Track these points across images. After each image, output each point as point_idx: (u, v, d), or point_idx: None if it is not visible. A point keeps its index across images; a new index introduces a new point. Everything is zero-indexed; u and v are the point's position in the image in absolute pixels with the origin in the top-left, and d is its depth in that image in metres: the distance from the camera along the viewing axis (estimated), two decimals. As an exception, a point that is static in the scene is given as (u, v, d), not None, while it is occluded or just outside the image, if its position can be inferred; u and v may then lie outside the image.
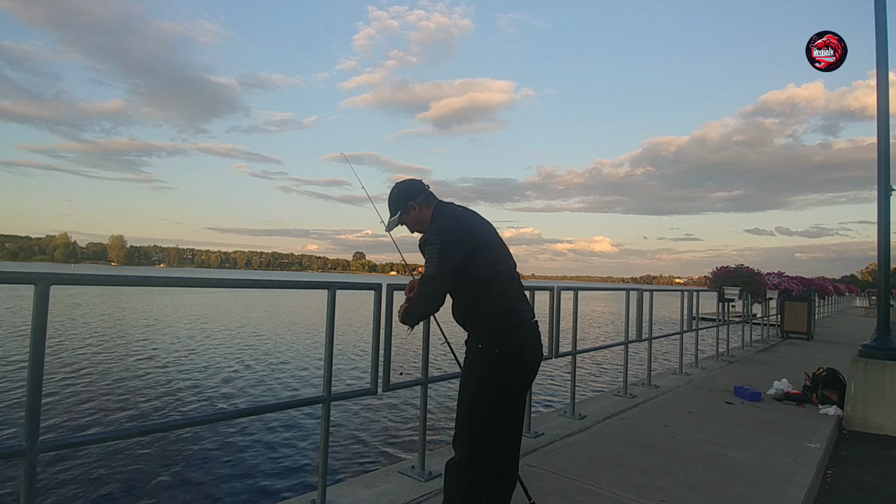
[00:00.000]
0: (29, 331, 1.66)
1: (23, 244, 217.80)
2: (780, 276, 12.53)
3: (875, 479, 3.49)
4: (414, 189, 2.20)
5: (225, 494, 4.54)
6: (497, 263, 2.08)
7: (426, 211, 2.17)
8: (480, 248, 2.05)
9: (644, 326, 5.74)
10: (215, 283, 2.28)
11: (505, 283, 2.08)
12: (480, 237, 2.09)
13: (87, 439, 2.13)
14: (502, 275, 2.08)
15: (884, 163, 4.82)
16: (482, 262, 2.03)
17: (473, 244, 2.04)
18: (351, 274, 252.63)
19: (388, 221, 2.24)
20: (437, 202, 2.20)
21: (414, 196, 2.18)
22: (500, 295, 2.04)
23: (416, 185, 2.22)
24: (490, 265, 2.05)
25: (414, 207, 2.17)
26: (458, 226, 2.06)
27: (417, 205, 2.17)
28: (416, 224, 2.20)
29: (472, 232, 2.07)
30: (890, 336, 4.77)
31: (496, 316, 2.00)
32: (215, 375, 9.45)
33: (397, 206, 2.20)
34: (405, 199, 2.18)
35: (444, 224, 2.06)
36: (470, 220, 2.14)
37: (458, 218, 2.12)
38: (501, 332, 1.98)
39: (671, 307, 27.53)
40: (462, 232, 2.04)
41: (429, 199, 2.19)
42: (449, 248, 1.98)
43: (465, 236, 2.04)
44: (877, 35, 4.76)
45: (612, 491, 2.86)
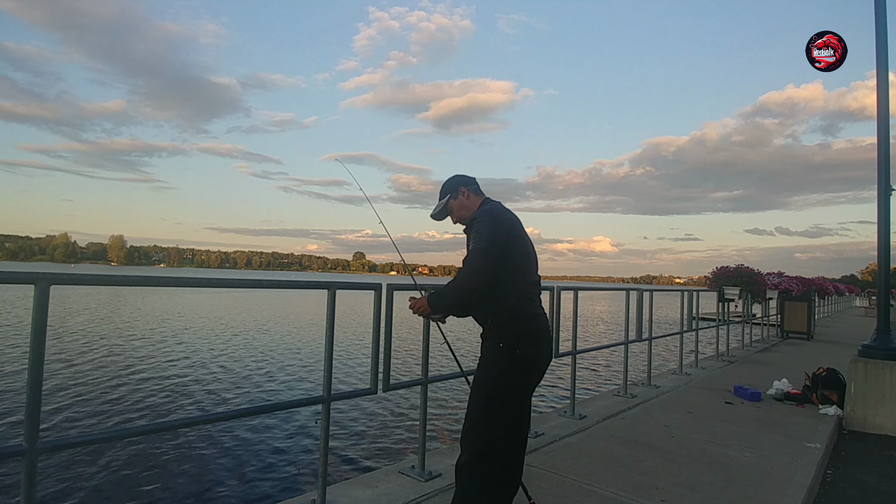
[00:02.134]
0: (29, 331, 1.66)
1: (23, 244, 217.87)
2: (780, 276, 12.51)
3: (875, 479, 3.49)
4: (467, 178, 2.33)
5: (225, 494, 4.54)
6: (529, 264, 2.14)
7: (475, 199, 2.28)
8: (519, 244, 2.11)
9: (644, 326, 5.74)
10: (215, 283, 2.28)
11: (532, 286, 2.13)
12: (521, 235, 2.15)
13: (87, 439, 2.12)
14: (530, 277, 2.13)
15: (884, 163, 4.82)
16: (516, 259, 2.08)
17: (515, 236, 2.11)
18: (351, 274, 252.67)
19: (436, 206, 2.31)
20: (485, 196, 2.32)
21: (467, 184, 2.30)
22: (526, 297, 2.07)
23: (470, 178, 2.34)
24: (523, 264, 2.11)
25: (464, 193, 2.27)
26: (506, 215, 2.15)
27: (469, 192, 2.28)
28: (461, 210, 2.27)
29: (514, 226, 2.13)
30: (890, 336, 4.77)
31: (520, 317, 2.02)
32: (215, 375, 9.45)
33: (449, 190, 2.30)
34: (458, 184, 2.30)
35: (494, 209, 2.15)
36: (514, 218, 2.21)
37: (505, 211, 2.20)
38: (523, 333, 2.00)
39: (671, 307, 27.55)
40: (509, 222, 2.12)
41: (479, 192, 2.31)
42: (498, 226, 2.04)
43: (510, 226, 2.10)
44: (877, 35, 4.76)
45: (612, 491, 2.86)
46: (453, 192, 2.28)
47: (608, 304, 40.79)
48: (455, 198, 2.28)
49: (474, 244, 2.01)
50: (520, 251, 2.10)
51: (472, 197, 2.27)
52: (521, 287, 2.07)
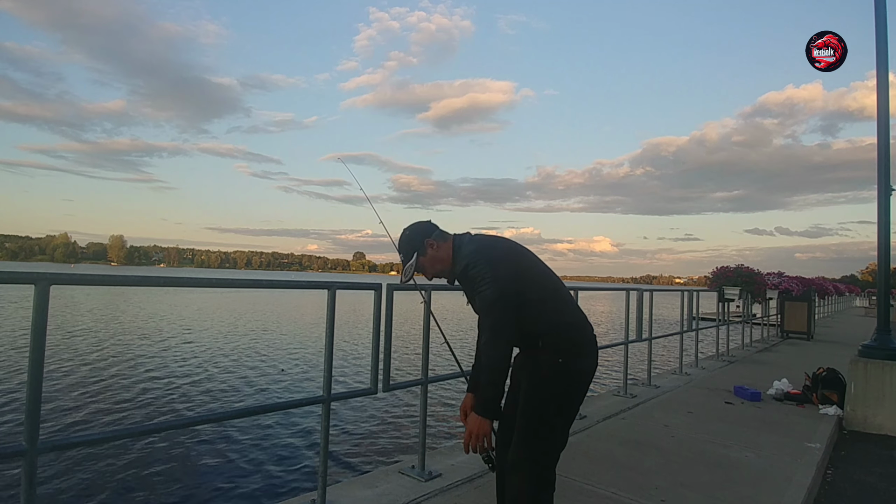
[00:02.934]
0: (29, 331, 1.66)
1: (23, 244, 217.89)
2: (780, 276, 12.52)
3: (875, 479, 3.49)
4: (426, 227, 2.01)
5: (225, 494, 4.54)
6: (547, 273, 1.96)
7: (445, 246, 1.97)
8: (524, 260, 1.91)
9: (644, 326, 5.74)
10: (215, 283, 2.28)
11: (563, 292, 1.95)
12: (517, 248, 1.95)
13: (87, 439, 2.13)
14: (556, 284, 1.95)
15: (884, 163, 4.82)
16: (542, 270, 1.92)
17: (523, 253, 1.92)
18: (351, 274, 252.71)
19: (404, 270, 2.00)
20: (453, 235, 2.02)
21: (429, 233, 1.98)
22: (573, 305, 1.94)
23: (428, 224, 2.02)
24: (551, 274, 1.95)
25: (431, 245, 1.96)
26: (494, 240, 1.92)
27: (435, 241, 1.96)
28: (435, 263, 1.98)
29: (507, 245, 1.93)
30: (890, 336, 4.77)
31: (574, 327, 1.87)
32: (215, 375, 9.45)
33: (412, 246, 1.98)
34: (420, 236, 1.97)
35: (479, 244, 1.89)
36: (497, 237, 2.00)
37: (489, 236, 1.98)
38: (580, 345, 1.86)
39: (671, 307, 27.54)
40: (502, 247, 1.90)
41: (444, 235, 1.99)
42: (498, 259, 1.82)
43: (505, 250, 1.90)
44: (877, 35, 4.76)
45: (612, 491, 2.86)
46: (419, 248, 1.96)
47: (608, 304, 40.79)
48: (423, 253, 1.95)
49: (481, 295, 1.77)
50: (529, 266, 1.90)
51: (441, 244, 1.96)
52: (566, 296, 1.91)
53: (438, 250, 1.96)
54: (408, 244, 1.99)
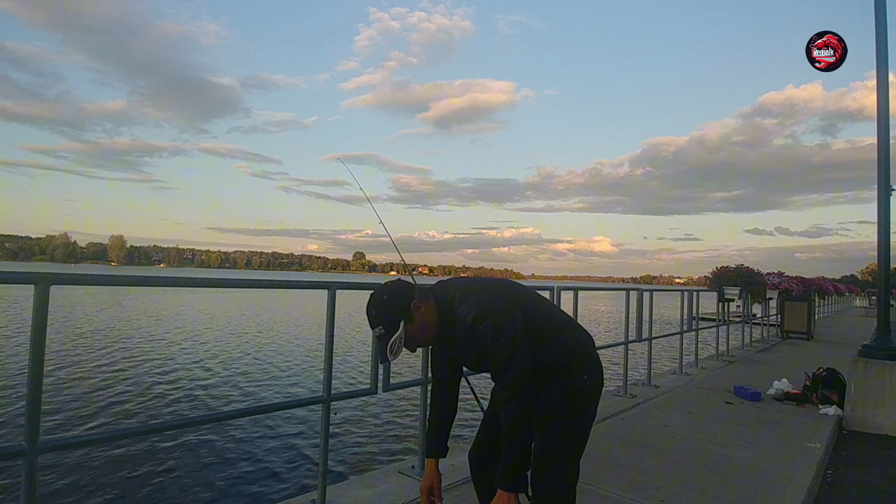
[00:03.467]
0: (29, 331, 1.66)
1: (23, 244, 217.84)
2: (780, 276, 12.53)
3: (875, 479, 3.49)
4: (407, 287, 1.70)
5: (225, 494, 4.54)
6: (547, 300, 1.91)
7: (430, 307, 1.68)
8: (526, 290, 1.82)
9: (644, 326, 5.74)
10: (215, 283, 2.28)
11: (567, 316, 1.91)
12: (515, 283, 1.85)
13: (87, 439, 2.13)
14: (560, 310, 1.93)
15: (884, 163, 4.82)
16: (541, 301, 1.82)
17: (519, 289, 1.80)
18: (351, 274, 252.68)
19: (389, 345, 1.64)
20: (431, 289, 1.76)
21: (414, 294, 1.67)
22: (575, 324, 1.88)
23: (406, 284, 1.73)
24: (547, 301, 1.88)
25: (418, 308, 1.65)
26: (489, 285, 1.75)
27: (421, 303, 1.66)
28: (424, 330, 1.69)
29: (504, 283, 1.82)
30: (890, 336, 4.77)
31: (585, 343, 1.81)
32: (215, 375, 9.45)
33: (396, 314, 1.63)
34: (404, 300, 1.65)
35: (477, 294, 1.67)
36: (490, 280, 1.85)
37: (477, 280, 1.80)
38: (596, 359, 1.82)
39: (671, 307, 27.52)
40: (501, 287, 1.76)
41: (424, 293, 1.70)
42: (505, 307, 1.64)
43: (506, 288, 1.75)
44: (877, 35, 4.76)
45: (612, 491, 2.86)
46: (406, 315, 1.64)
47: (608, 304, 40.78)
48: (411, 321, 1.64)
49: (496, 351, 1.58)
50: (529, 301, 1.77)
51: (427, 305, 1.67)
52: (564, 326, 1.81)
53: (426, 314, 1.67)
54: (390, 312, 1.64)
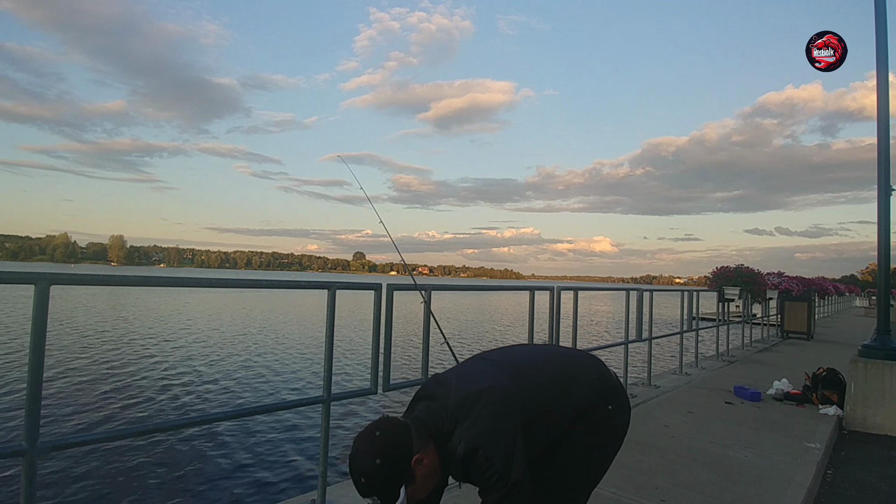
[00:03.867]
0: (29, 331, 1.66)
1: (23, 244, 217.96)
2: (780, 276, 12.52)
3: (875, 479, 3.49)
4: (402, 433, 1.36)
5: (225, 494, 4.54)
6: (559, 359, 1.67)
7: (431, 450, 1.39)
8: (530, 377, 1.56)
9: (644, 326, 5.74)
10: (215, 283, 2.28)
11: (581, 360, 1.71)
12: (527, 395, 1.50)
13: (87, 439, 2.13)
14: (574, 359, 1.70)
15: (884, 163, 4.82)
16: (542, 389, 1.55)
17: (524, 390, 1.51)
18: (351, 274, 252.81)
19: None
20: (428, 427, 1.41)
21: (412, 443, 1.35)
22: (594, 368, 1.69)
23: (403, 427, 1.38)
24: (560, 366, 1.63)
25: (420, 461, 1.36)
26: (483, 395, 1.44)
27: (424, 454, 1.37)
28: (427, 483, 1.41)
29: (507, 387, 1.48)
30: (890, 336, 4.77)
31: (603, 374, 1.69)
32: (215, 375, 9.45)
33: (394, 480, 1.32)
34: (404, 459, 1.33)
35: (467, 417, 1.40)
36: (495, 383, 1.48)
37: (473, 382, 1.48)
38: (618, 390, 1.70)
39: (671, 307, 27.53)
40: (501, 392, 1.45)
41: (423, 433, 1.39)
42: (502, 441, 1.37)
43: (512, 411, 1.43)
44: (877, 35, 4.76)
45: (612, 491, 2.85)
46: (406, 475, 1.33)
47: (608, 304, 40.79)
48: (412, 481, 1.35)
49: (485, 484, 1.38)
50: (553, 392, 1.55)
51: (428, 451, 1.38)
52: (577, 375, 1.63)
53: (428, 465, 1.38)
54: (386, 479, 1.31)
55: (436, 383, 1.56)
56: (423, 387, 1.60)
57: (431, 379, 1.63)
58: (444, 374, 1.60)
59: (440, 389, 1.51)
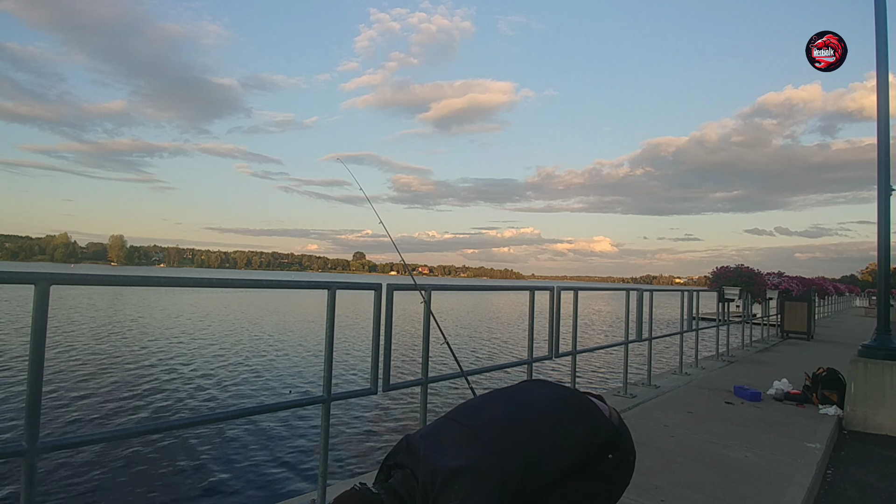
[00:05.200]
0: (29, 331, 1.66)
1: (23, 244, 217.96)
2: (780, 276, 12.54)
3: (875, 479, 3.49)
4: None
5: (225, 494, 4.54)
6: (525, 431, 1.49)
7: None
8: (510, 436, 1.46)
9: (644, 326, 5.74)
10: (215, 283, 2.28)
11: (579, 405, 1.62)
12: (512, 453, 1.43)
13: (87, 439, 2.13)
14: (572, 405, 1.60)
15: (884, 163, 4.82)
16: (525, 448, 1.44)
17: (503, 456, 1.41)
18: (351, 274, 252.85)
19: None
20: (407, 498, 1.41)
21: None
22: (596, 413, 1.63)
23: (375, 500, 1.41)
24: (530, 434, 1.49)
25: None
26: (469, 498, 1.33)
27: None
28: None
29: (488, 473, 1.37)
30: (890, 336, 4.77)
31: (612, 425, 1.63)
32: (215, 375, 9.45)
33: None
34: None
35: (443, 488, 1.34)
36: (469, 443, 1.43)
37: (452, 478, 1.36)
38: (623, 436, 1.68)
39: (671, 307, 27.53)
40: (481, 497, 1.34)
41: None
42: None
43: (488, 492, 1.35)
44: (877, 35, 4.76)
45: (612, 491, 2.85)
46: None
47: (608, 304, 40.79)
48: None
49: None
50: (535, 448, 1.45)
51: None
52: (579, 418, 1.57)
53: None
54: None
55: (406, 449, 1.49)
56: (394, 449, 1.53)
57: (402, 441, 1.54)
58: (414, 439, 1.52)
59: (410, 459, 1.45)
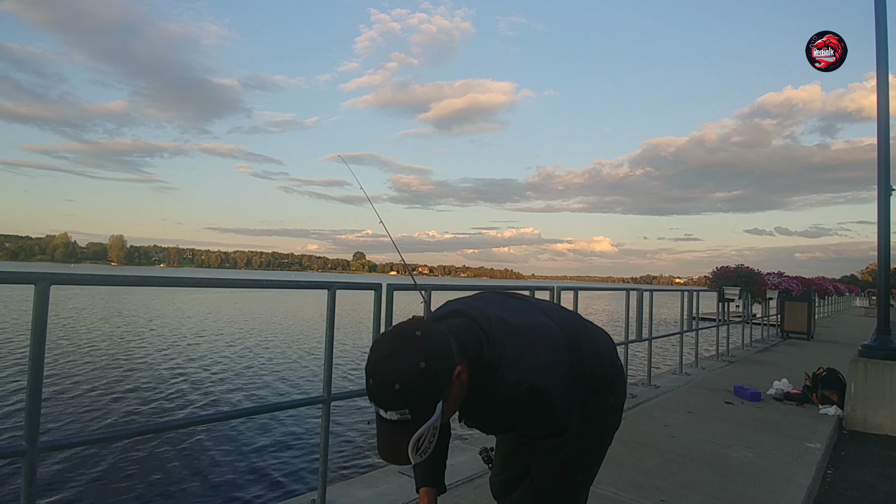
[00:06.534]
0: (29, 331, 1.66)
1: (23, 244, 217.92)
2: (780, 276, 12.53)
3: (875, 479, 3.49)
4: (446, 340, 1.13)
5: (225, 494, 4.54)
6: (576, 324, 1.43)
7: (467, 370, 1.17)
8: (566, 321, 1.39)
9: (644, 326, 5.74)
10: (215, 283, 2.28)
11: (587, 324, 1.51)
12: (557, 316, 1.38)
13: (87, 439, 2.13)
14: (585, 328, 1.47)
15: (884, 163, 4.82)
16: (579, 338, 1.37)
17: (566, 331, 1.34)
18: (351, 274, 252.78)
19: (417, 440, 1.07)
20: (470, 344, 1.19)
21: (454, 355, 1.13)
22: (601, 341, 1.49)
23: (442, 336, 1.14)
24: (581, 331, 1.41)
25: (460, 374, 1.14)
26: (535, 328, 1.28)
27: (462, 366, 1.15)
28: (457, 403, 1.19)
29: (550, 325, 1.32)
30: (890, 336, 4.77)
31: (608, 360, 1.48)
32: (215, 375, 9.45)
33: (435, 391, 1.08)
34: (451, 363, 1.11)
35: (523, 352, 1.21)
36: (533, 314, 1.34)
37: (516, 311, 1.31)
38: (621, 381, 1.54)
39: (671, 307, 27.52)
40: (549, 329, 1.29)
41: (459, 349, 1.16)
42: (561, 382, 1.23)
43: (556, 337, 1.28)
44: (877, 35, 4.76)
45: (612, 491, 2.85)
46: (448, 387, 1.10)
47: (608, 304, 40.77)
48: (448, 396, 1.11)
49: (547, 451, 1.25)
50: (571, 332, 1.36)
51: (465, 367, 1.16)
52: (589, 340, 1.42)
53: (463, 381, 1.16)
54: (426, 388, 1.06)
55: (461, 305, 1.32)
56: (441, 308, 1.36)
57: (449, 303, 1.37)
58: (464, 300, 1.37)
59: (471, 311, 1.27)
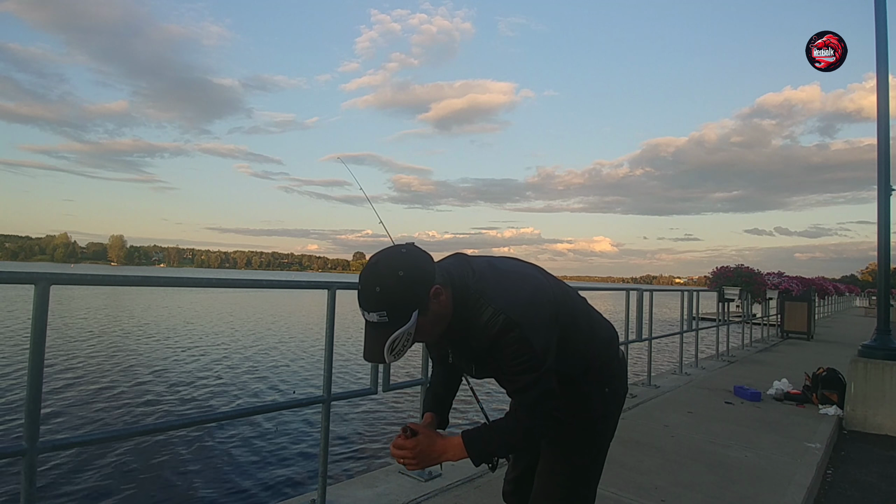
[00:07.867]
0: (29, 331, 1.66)
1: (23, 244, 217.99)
2: (780, 276, 12.53)
3: (875, 479, 3.49)
4: (427, 260, 1.24)
5: (225, 494, 4.54)
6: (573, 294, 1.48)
7: (447, 294, 1.25)
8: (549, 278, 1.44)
9: (644, 326, 5.75)
10: (215, 283, 2.28)
11: (588, 305, 1.53)
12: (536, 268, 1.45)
13: (87, 439, 2.13)
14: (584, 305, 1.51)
15: (884, 163, 4.82)
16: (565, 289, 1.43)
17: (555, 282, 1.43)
18: (351, 274, 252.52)
19: (392, 341, 1.22)
20: (457, 276, 1.29)
21: (434, 275, 1.22)
22: (598, 316, 1.53)
23: (424, 255, 1.25)
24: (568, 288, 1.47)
25: (438, 295, 1.22)
26: (517, 273, 1.35)
27: (442, 288, 1.23)
28: (437, 325, 1.27)
29: (540, 273, 1.42)
30: (890, 336, 4.78)
31: (609, 342, 1.50)
32: (215, 375, 9.45)
33: (411, 299, 1.18)
34: (426, 282, 1.20)
35: (503, 289, 1.27)
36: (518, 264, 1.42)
37: (505, 263, 1.39)
38: (621, 371, 1.54)
39: (671, 307, 27.52)
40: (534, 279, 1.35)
41: (445, 276, 1.27)
42: (536, 312, 1.26)
43: (541, 283, 1.35)
44: (877, 35, 4.76)
45: (612, 491, 2.86)
46: (422, 302, 1.19)
47: (608, 304, 40.74)
48: (425, 312, 1.20)
49: (520, 382, 1.25)
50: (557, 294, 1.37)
51: (447, 293, 1.24)
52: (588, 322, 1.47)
53: (444, 304, 1.24)
54: (404, 295, 1.17)
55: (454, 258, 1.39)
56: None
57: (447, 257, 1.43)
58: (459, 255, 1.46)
59: (465, 256, 1.39)
